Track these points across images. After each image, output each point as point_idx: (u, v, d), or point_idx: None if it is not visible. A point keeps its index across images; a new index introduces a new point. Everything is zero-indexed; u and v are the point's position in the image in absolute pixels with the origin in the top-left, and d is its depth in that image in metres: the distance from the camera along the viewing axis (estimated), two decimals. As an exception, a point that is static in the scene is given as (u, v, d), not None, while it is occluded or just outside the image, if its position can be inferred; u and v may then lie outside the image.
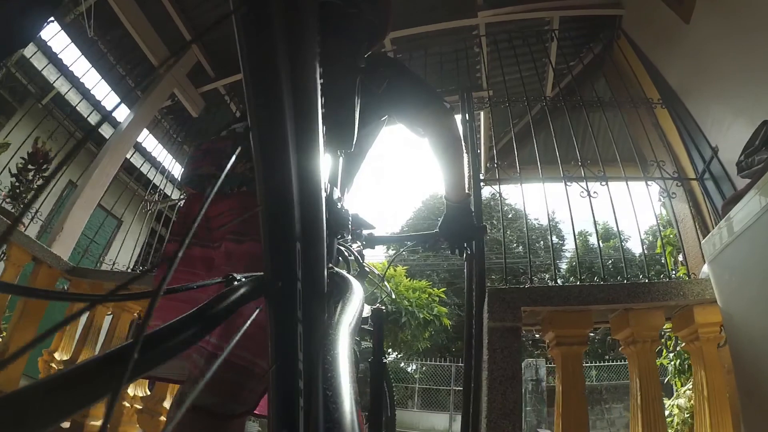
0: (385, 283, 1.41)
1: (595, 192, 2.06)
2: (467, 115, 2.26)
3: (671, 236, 3.01)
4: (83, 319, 2.43)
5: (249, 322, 0.33)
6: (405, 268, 9.37)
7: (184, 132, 4.25)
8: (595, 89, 2.90)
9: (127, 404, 2.11)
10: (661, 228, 2.70)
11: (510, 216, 18.06)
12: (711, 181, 2.23)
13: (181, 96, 3.77)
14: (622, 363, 10.54)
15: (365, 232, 0.96)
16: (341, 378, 0.31)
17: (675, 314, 1.59)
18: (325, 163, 0.42)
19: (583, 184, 2.08)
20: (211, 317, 0.33)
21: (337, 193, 0.58)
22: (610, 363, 10.35)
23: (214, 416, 0.70)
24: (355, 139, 0.69)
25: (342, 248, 0.72)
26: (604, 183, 2.11)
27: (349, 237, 0.77)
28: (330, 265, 0.46)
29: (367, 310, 1.07)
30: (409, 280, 9.27)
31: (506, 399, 1.41)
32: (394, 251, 8.30)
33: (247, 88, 0.31)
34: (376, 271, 1.05)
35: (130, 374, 0.28)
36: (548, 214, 2.65)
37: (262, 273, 0.36)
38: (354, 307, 0.37)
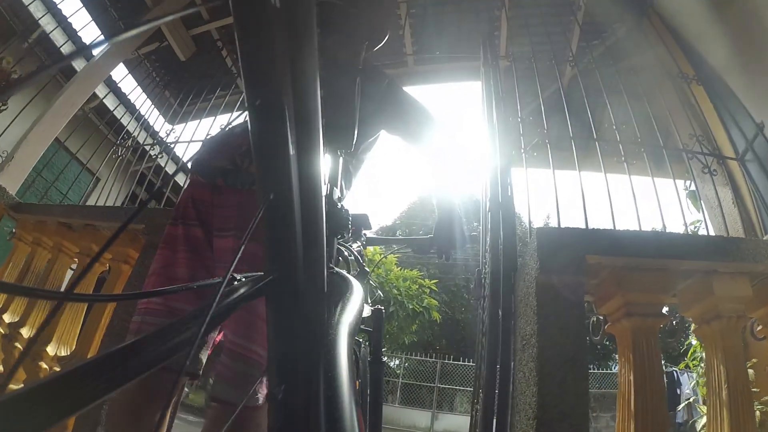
0: (371, 281, 1.46)
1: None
2: (490, 68, 2.14)
3: (697, 223, 2.95)
4: (20, 263, 2.39)
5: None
6: (396, 256, 9.48)
7: (168, 76, 4.16)
8: (622, 67, 2.83)
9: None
10: (689, 213, 2.66)
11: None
12: (755, 162, 2.18)
13: (170, 36, 3.69)
14: (609, 371, 11.03)
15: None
16: (341, 378, 0.34)
17: (755, 285, 1.26)
18: (325, 163, 0.43)
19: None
20: (212, 317, 0.37)
21: (337, 193, 0.61)
22: (595, 371, 10.83)
23: (238, 408, 0.80)
24: (355, 138, 0.71)
25: (342, 248, 0.75)
26: (642, 149, 2.05)
27: (349, 237, 0.82)
28: (330, 265, 0.48)
29: (367, 311, 1.13)
30: (400, 270, 9.40)
31: (565, 391, 1.08)
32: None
33: (246, 88, 0.32)
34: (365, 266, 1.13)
35: (134, 371, 0.32)
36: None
37: (262, 272, 0.39)
38: (354, 307, 0.40)
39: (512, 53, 2.77)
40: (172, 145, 3.16)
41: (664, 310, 1.33)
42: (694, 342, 2.72)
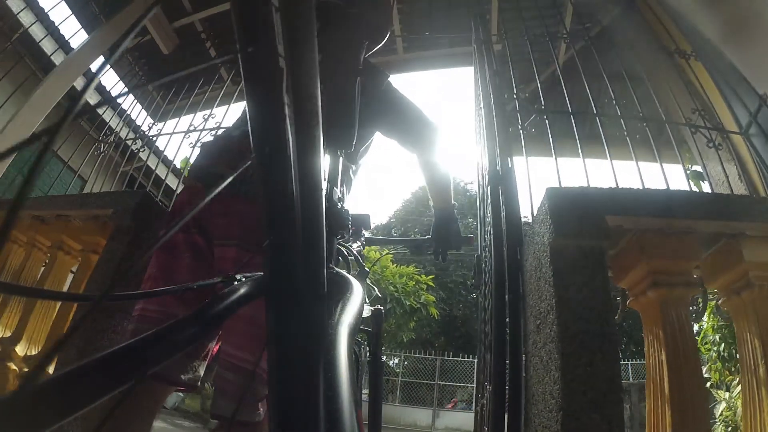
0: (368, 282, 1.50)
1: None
2: (483, 46, 2.09)
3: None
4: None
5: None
6: (391, 252, 9.54)
7: (151, 71, 4.12)
8: (618, 46, 2.84)
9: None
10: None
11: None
12: (760, 136, 2.15)
13: (152, 29, 3.66)
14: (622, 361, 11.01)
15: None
16: (341, 378, 0.35)
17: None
18: (325, 163, 0.44)
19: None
20: (212, 317, 0.38)
21: (337, 193, 0.62)
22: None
23: (242, 425, 0.83)
24: (354, 138, 0.73)
25: (342, 248, 0.76)
26: (645, 124, 2.03)
27: (349, 237, 0.83)
28: (330, 265, 0.49)
29: (366, 311, 1.16)
30: (396, 266, 9.45)
31: (595, 375, 0.93)
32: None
33: (246, 88, 0.33)
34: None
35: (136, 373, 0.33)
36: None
37: (261, 273, 0.40)
38: (354, 307, 0.41)
39: (504, 34, 2.76)
40: (155, 138, 3.14)
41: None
42: (705, 325, 2.68)
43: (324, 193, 0.40)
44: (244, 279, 0.38)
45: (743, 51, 2.29)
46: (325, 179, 0.44)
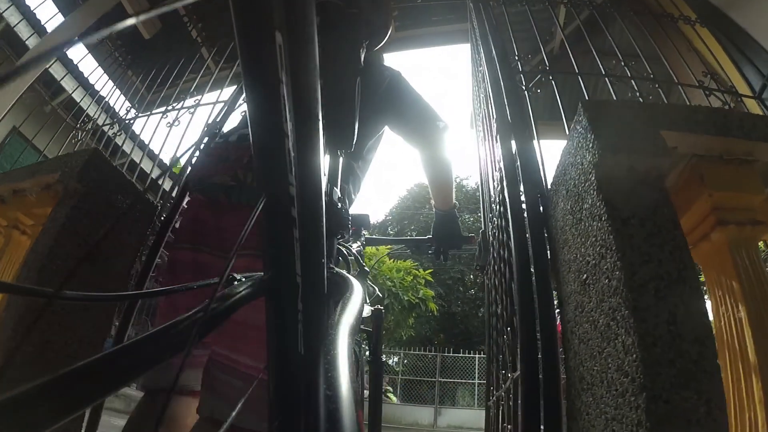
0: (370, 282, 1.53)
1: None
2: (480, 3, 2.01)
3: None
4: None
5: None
6: (387, 248, 9.51)
7: (130, 57, 4.08)
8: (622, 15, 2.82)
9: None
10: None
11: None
12: None
13: (133, 13, 3.62)
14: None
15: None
16: (341, 378, 0.37)
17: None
18: (325, 163, 0.46)
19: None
20: (212, 317, 0.39)
21: (337, 193, 0.63)
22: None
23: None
24: (355, 138, 0.74)
25: (342, 248, 0.78)
26: (657, 85, 1.97)
27: (349, 237, 0.84)
28: (330, 265, 0.51)
29: (366, 311, 1.17)
30: (392, 261, 9.45)
31: (680, 335, 0.68)
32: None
33: (246, 88, 0.34)
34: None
35: (134, 370, 0.35)
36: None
37: (261, 273, 0.41)
38: (354, 307, 0.43)
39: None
40: (131, 121, 3.11)
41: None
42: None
43: (324, 193, 0.42)
44: (244, 279, 0.40)
45: (751, 15, 2.28)
46: (325, 178, 0.45)
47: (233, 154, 1.02)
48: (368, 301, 1.25)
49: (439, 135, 1.32)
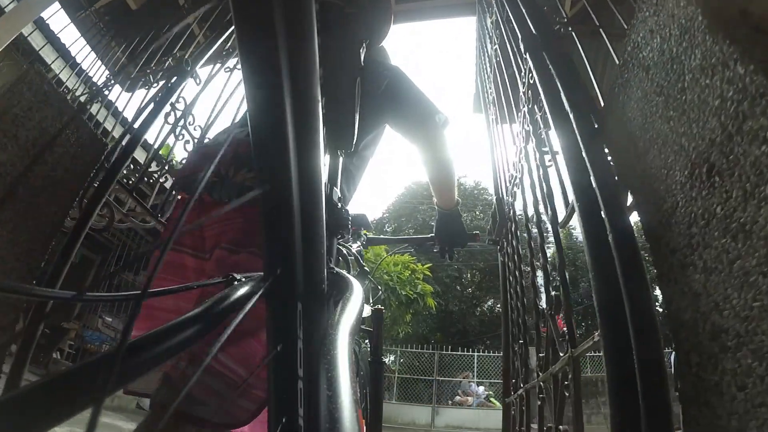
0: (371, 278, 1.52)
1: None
2: None
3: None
4: None
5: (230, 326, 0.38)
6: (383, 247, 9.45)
7: (114, 29, 3.97)
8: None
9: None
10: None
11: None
12: None
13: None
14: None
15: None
16: (341, 378, 0.37)
17: None
18: (325, 163, 0.46)
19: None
20: (212, 317, 0.39)
21: (337, 193, 0.63)
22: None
23: (201, 424, 0.76)
24: (355, 138, 0.74)
25: (342, 248, 0.78)
26: None
27: (349, 237, 0.84)
28: (330, 265, 0.51)
29: (366, 311, 1.17)
30: (390, 255, 9.40)
31: None
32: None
33: (246, 88, 0.34)
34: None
35: (134, 370, 0.35)
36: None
37: (262, 273, 0.41)
38: (354, 307, 0.43)
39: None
40: (108, 88, 3.04)
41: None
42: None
43: (324, 193, 0.42)
44: (244, 279, 0.40)
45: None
46: (325, 180, 0.45)
47: (229, 152, 1.00)
48: (369, 301, 1.25)
49: (439, 129, 1.30)
